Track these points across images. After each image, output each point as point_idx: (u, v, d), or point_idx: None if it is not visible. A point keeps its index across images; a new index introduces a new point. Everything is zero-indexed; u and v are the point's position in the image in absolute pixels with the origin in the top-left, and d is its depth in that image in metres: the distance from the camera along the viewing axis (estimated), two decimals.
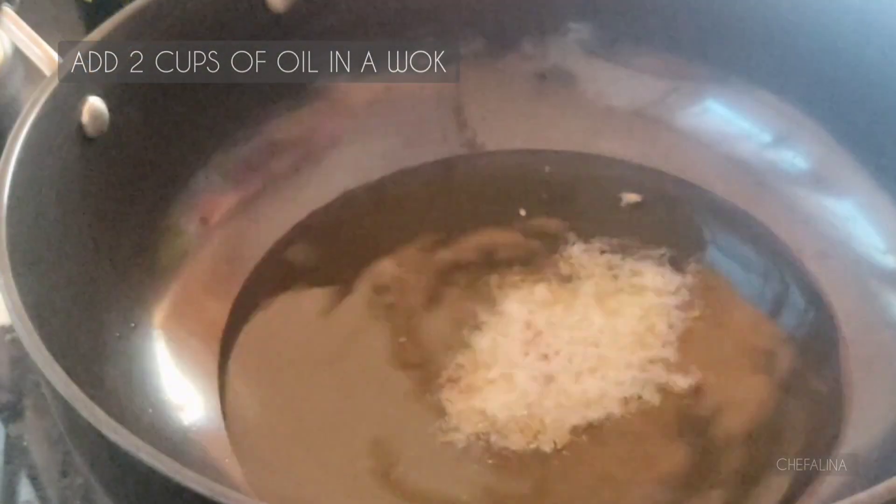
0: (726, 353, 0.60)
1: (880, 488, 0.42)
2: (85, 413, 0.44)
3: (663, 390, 0.58)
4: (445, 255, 0.65)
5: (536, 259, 0.65)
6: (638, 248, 0.65)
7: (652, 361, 0.59)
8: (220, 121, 0.65)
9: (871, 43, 0.63)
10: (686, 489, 0.55)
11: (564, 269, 0.64)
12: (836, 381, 0.58)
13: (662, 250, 0.65)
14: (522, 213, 0.67)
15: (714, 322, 0.62)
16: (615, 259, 0.64)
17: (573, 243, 0.65)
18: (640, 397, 0.58)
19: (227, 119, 0.66)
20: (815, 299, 0.62)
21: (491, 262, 0.65)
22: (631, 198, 0.68)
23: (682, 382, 0.58)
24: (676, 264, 0.64)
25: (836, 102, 0.66)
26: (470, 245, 0.66)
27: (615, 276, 0.63)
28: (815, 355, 0.60)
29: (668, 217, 0.68)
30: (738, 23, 0.68)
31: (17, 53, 0.70)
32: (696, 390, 0.58)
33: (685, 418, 0.57)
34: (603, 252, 0.65)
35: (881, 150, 0.64)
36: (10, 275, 0.48)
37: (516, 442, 0.56)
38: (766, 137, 0.69)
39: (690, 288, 0.63)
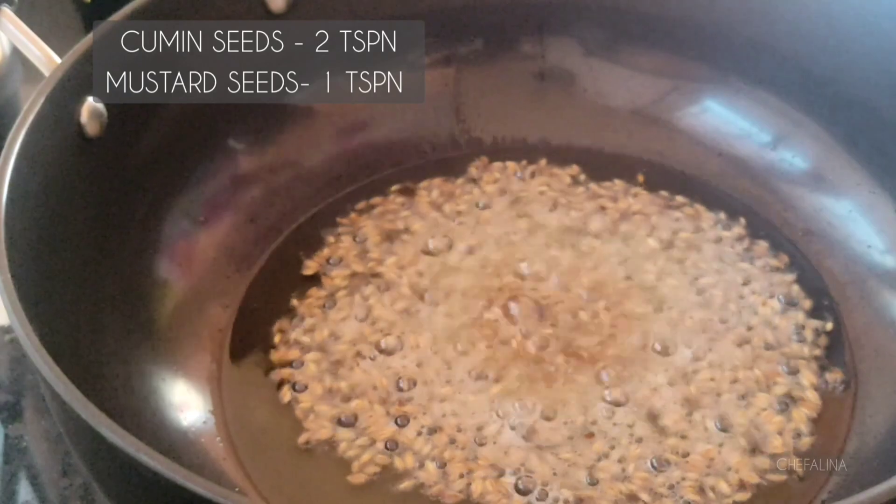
0: None
1: (880, 488, 0.42)
2: (84, 413, 0.44)
3: None
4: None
5: None
6: None
7: None
8: (221, 120, 0.65)
9: (870, 43, 0.63)
10: None
11: None
12: (835, 381, 0.58)
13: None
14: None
15: None
16: None
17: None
18: None
19: (227, 119, 0.66)
20: (815, 299, 0.62)
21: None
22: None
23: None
24: None
25: (836, 102, 0.66)
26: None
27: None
28: (814, 355, 0.60)
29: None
30: (737, 23, 0.68)
31: (17, 53, 0.70)
32: None
33: None
34: None
35: (881, 150, 0.64)
36: (9, 275, 0.48)
37: None
38: (766, 137, 0.69)
39: None
